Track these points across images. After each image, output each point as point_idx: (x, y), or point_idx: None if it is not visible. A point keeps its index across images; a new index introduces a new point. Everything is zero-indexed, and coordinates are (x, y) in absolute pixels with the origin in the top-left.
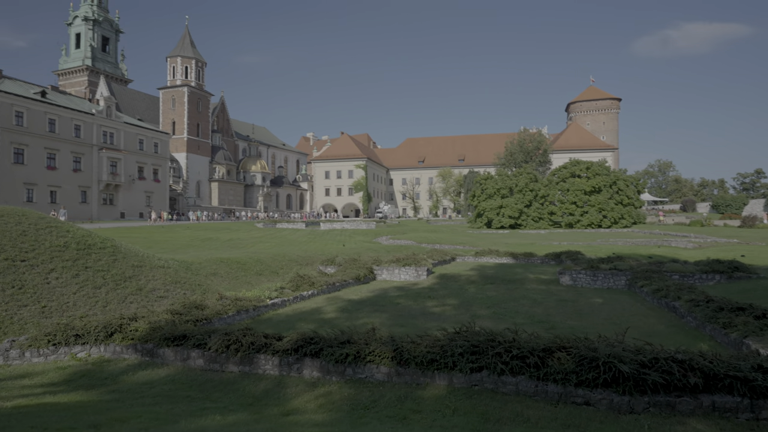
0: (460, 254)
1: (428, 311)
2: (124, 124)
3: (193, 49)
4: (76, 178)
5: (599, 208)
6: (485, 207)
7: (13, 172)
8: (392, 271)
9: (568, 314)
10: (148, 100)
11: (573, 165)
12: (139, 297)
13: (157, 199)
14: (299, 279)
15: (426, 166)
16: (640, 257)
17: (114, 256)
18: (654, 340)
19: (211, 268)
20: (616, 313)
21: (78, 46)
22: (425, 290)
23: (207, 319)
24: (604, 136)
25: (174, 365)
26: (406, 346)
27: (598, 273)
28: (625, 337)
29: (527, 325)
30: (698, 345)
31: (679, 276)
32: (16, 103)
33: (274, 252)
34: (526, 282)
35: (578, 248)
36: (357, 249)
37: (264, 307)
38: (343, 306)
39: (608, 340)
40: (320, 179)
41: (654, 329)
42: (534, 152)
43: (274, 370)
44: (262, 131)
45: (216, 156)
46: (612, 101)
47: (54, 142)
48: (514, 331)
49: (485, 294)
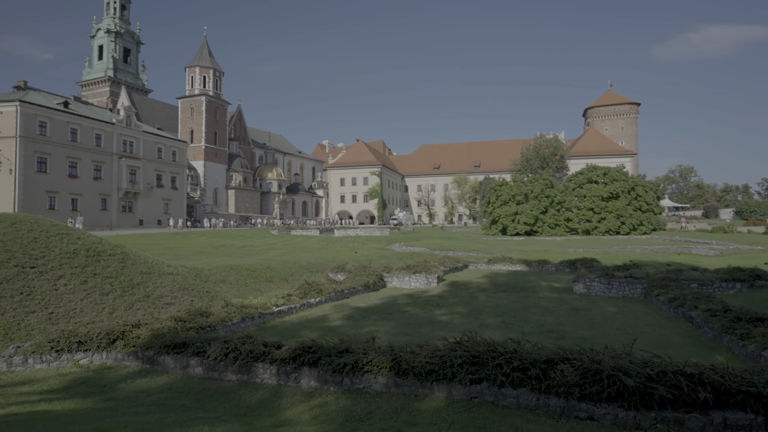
0: (472, 261)
1: (436, 320)
2: (143, 132)
3: (211, 59)
4: (97, 186)
5: (617, 214)
6: (500, 213)
7: (37, 180)
8: (402, 278)
9: (579, 324)
10: (168, 109)
11: (590, 171)
12: (146, 304)
13: (174, 206)
14: (307, 286)
15: (441, 173)
16: (659, 265)
17: (123, 262)
18: (668, 352)
19: (220, 275)
20: (630, 322)
21: (101, 58)
22: (435, 298)
23: (211, 327)
24: (622, 141)
25: (174, 373)
26: (404, 356)
27: (613, 281)
28: (633, 348)
29: (536, 335)
30: (714, 357)
31: (697, 284)
32: (40, 113)
33: (286, 259)
34: (539, 290)
35: (594, 255)
36: (369, 256)
37: (270, 315)
38: (349, 314)
39: (614, 351)
40: (335, 186)
41: (668, 340)
42: (550, 158)
43: (272, 379)
44: (278, 139)
45: (233, 164)
46: (631, 106)
47: (76, 151)
48: (517, 342)
49: (495, 302)
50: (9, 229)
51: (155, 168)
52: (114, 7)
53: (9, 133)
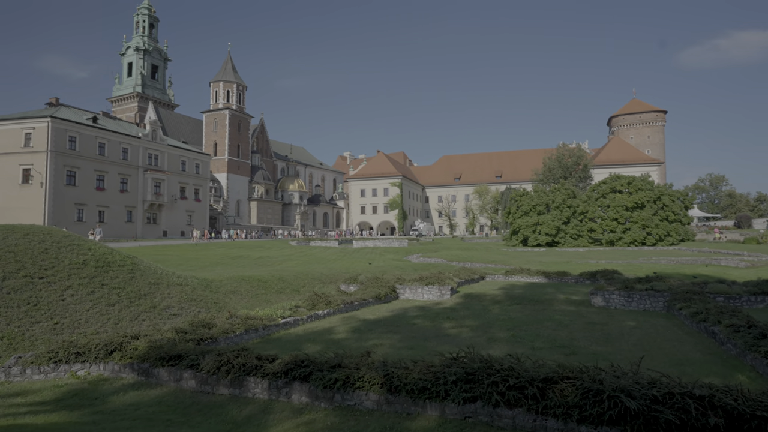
0: (489, 273)
1: (443, 333)
2: (168, 146)
3: (234, 73)
4: (123, 199)
5: (642, 224)
6: (521, 224)
7: (66, 193)
8: (415, 290)
9: (594, 339)
10: (193, 123)
11: (613, 180)
12: (152, 315)
13: (197, 218)
14: (315, 297)
15: (462, 183)
16: (684, 277)
17: (132, 273)
18: (685, 370)
19: (231, 286)
20: (649, 338)
21: (130, 75)
22: (446, 310)
23: (212, 338)
24: (649, 150)
25: (168, 386)
26: (396, 372)
27: (633, 294)
28: (640, 366)
29: (546, 350)
30: (735, 377)
31: (723, 298)
32: (70, 128)
33: (299, 270)
34: (555, 303)
35: (617, 267)
36: (384, 267)
37: (275, 327)
38: (356, 326)
39: (620, 370)
40: (356, 197)
41: (687, 357)
42: (574, 167)
43: (264, 393)
44: (300, 151)
45: (255, 176)
46: (657, 114)
47: (103, 165)
48: (516, 358)
49: (508, 315)
50: (21, 240)
51: (179, 180)
52: (143, 26)
53: (41, 147)
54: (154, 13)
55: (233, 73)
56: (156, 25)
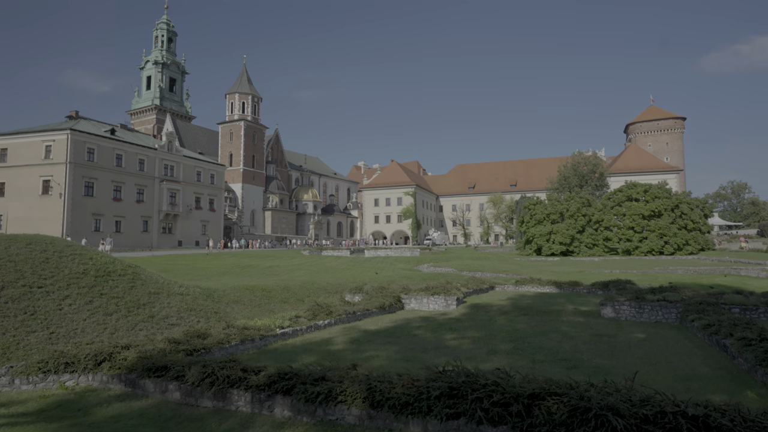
0: (499, 283)
1: (443, 344)
2: (183, 157)
3: (249, 85)
4: (139, 209)
5: (660, 233)
6: (534, 233)
7: (84, 203)
8: (421, 300)
9: (599, 351)
10: (209, 134)
11: (629, 188)
12: (150, 324)
13: (212, 227)
14: (317, 308)
15: (476, 192)
16: (701, 288)
17: (132, 283)
18: (692, 386)
19: (234, 296)
20: (657, 351)
21: (148, 88)
22: (450, 321)
23: (206, 349)
24: (667, 157)
25: (153, 397)
26: (379, 386)
27: (645, 305)
28: (635, 382)
29: (546, 363)
30: (744, 393)
31: (739, 309)
32: (88, 140)
33: (306, 279)
34: (563, 314)
35: (632, 277)
36: (392, 277)
37: (272, 337)
38: (356, 337)
39: (613, 386)
40: (369, 207)
41: (696, 372)
42: (589, 176)
43: (247, 406)
44: (314, 161)
45: (270, 186)
46: (676, 120)
47: (120, 176)
48: (505, 372)
49: (513, 326)
50: (23, 249)
51: (194, 191)
52: (162, 40)
53: (60, 159)
54: (173, 27)
55: (248, 84)
56: (174, 40)
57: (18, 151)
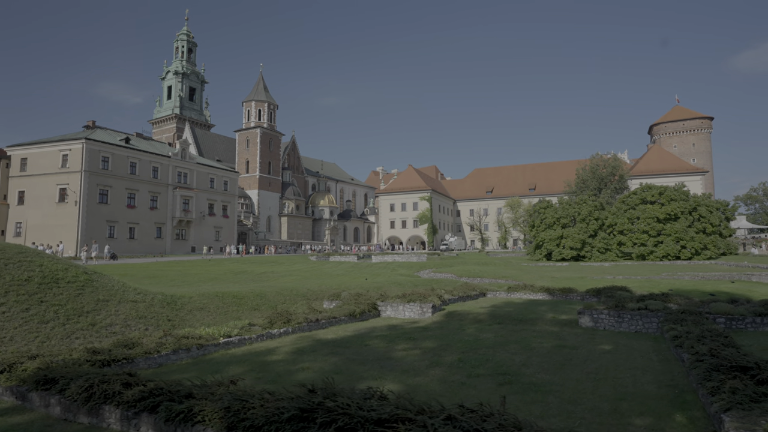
0: (492, 289)
1: (389, 356)
2: (197, 164)
3: (266, 93)
4: (153, 216)
5: (676, 237)
6: (544, 238)
7: (98, 210)
8: (396, 307)
9: (549, 365)
10: (227, 142)
11: (643, 190)
12: (89, 333)
13: (225, 233)
14: (275, 315)
15: (494, 197)
16: (701, 295)
17: (81, 290)
18: (622, 406)
19: (200, 303)
20: (613, 365)
21: (169, 97)
22: (416, 330)
23: (128, 359)
24: (694, 158)
25: (38, 411)
26: (235, 405)
27: (624, 314)
28: (506, 407)
29: (482, 378)
30: (674, 416)
31: (725, 319)
32: (103, 149)
33: (291, 286)
34: (539, 322)
35: (634, 283)
36: (382, 283)
37: (213, 346)
38: (303, 347)
39: (485, 410)
40: (385, 212)
41: (638, 390)
42: (609, 178)
43: (117, 424)
44: (331, 167)
45: (286, 192)
46: (702, 121)
47: (134, 183)
48: (372, 393)
49: (478, 336)
50: None
51: (207, 197)
52: (182, 51)
53: (75, 168)
54: (192, 38)
55: (264, 92)
56: (194, 50)
57: (37, 161)
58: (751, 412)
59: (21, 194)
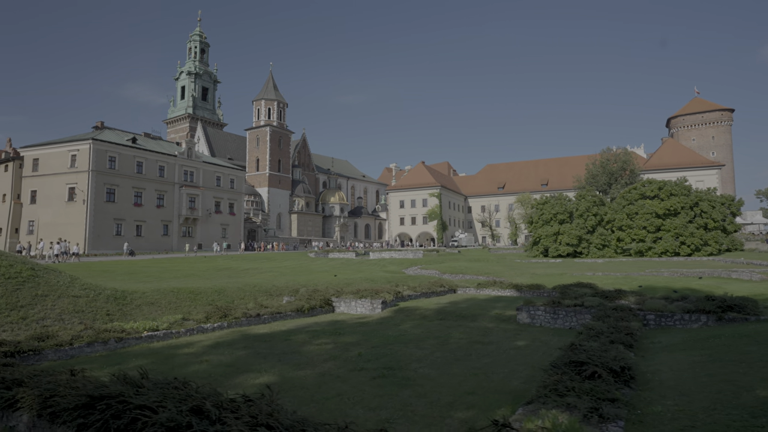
0: (463, 286)
1: (298, 350)
2: (203, 163)
3: (275, 92)
4: (159, 213)
5: (675, 233)
6: (541, 234)
7: (105, 209)
8: (349, 303)
9: (444, 361)
10: (239, 140)
11: (643, 185)
12: (17, 327)
13: (232, 230)
14: (213, 310)
15: (505, 192)
16: (669, 291)
17: (21, 285)
18: (473, 399)
19: (152, 298)
20: (507, 360)
21: (183, 97)
22: (355, 325)
23: (35, 351)
24: (713, 152)
25: None
26: (46, 393)
27: (559, 310)
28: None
29: (364, 372)
30: (497, 411)
31: (654, 316)
32: (110, 149)
33: (263, 282)
34: (480, 319)
35: (612, 279)
36: (351, 279)
37: (134, 340)
38: (224, 341)
39: (245, 401)
40: (395, 209)
41: (500, 385)
42: (619, 173)
43: None
44: (342, 164)
45: (296, 189)
46: (722, 113)
47: (141, 182)
48: (177, 383)
49: (406, 331)
50: None
51: (214, 195)
52: (195, 52)
53: (83, 167)
54: (205, 38)
55: (274, 91)
56: (207, 50)
57: (47, 161)
58: (545, 405)
59: (33, 193)
